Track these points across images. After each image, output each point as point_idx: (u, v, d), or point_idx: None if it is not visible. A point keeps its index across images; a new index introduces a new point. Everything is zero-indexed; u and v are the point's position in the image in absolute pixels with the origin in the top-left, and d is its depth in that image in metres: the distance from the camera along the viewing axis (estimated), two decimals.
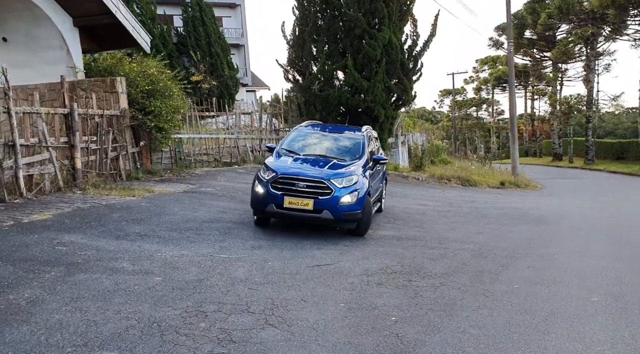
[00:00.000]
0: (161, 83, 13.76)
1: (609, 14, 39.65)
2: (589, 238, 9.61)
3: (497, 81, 76.21)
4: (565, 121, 52.32)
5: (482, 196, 16.45)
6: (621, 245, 9.21)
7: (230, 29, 47.69)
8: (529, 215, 12.08)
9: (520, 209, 13.24)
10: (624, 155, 47.55)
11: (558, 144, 55.07)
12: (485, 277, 6.57)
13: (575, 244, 9.02)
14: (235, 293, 5.65)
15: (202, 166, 16.98)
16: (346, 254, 7.53)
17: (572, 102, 50.00)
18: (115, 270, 6.17)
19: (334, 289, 5.87)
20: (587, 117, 45.68)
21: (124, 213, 9.16)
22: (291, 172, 8.38)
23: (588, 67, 45.57)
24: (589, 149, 45.16)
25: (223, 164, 17.78)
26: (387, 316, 5.09)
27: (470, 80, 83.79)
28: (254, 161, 18.72)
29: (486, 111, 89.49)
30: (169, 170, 15.24)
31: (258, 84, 57.16)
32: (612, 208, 14.20)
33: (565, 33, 51.84)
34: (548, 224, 10.81)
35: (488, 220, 11.15)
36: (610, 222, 11.67)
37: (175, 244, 7.52)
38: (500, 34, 58.65)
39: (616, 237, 9.90)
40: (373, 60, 17.92)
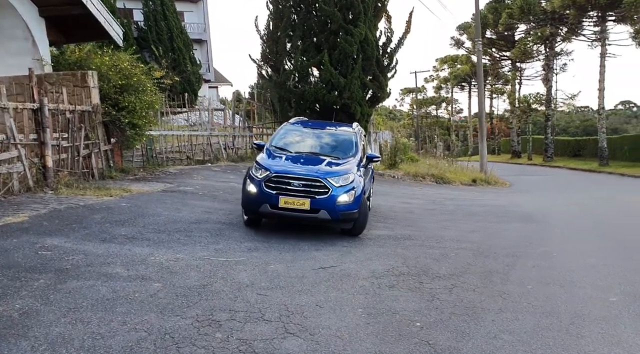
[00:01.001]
0: (135, 77, 13.16)
1: (569, 14, 40.69)
2: (579, 236, 9.64)
3: (457, 80, 77.40)
4: (525, 119, 53.50)
5: (460, 193, 16.48)
6: (613, 242, 9.25)
7: (192, 24, 46.70)
8: (513, 212, 12.10)
9: (501, 206, 13.27)
10: (580, 152, 49.05)
11: (517, 142, 56.29)
12: (495, 277, 6.43)
13: (569, 242, 9.00)
14: (244, 299, 5.32)
15: (175, 164, 16.41)
16: (347, 255, 7.27)
17: (531, 101, 51.09)
18: (110, 276, 5.74)
19: (347, 294, 5.60)
20: (547, 115, 46.81)
21: (105, 214, 8.65)
22: (286, 171, 8.06)
23: (547, 66, 46.68)
24: (548, 147, 46.28)
25: (196, 162, 17.25)
26: (410, 322, 4.86)
27: (431, 79, 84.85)
28: (227, 159, 18.26)
29: (445, 109, 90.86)
30: (142, 168, 14.65)
31: (221, 80, 56.31)
32: (588, 204, 14.41)
33: (523, 33, 52.99)
34: (536, 222, 10.82)
35: (476, 218, 11.10)
36: (593, 219, 11.80)
37: (167, 247, 7.10)
38: (461, 33, 59.56)
39: (605, 234, 9.95)
40: (349, 56, 17.71)
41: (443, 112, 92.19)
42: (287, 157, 8.67)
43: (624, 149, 38.35)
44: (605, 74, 37.48)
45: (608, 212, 12.75)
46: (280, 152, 8.97)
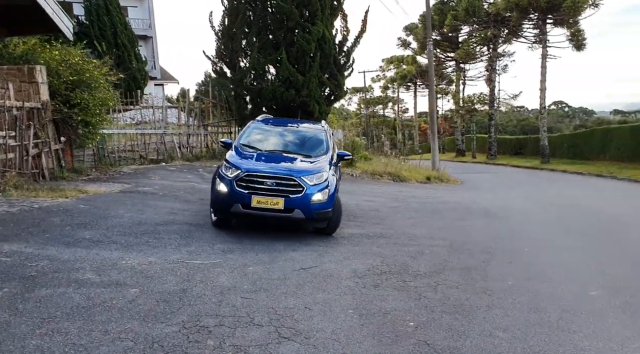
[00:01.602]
0: (87, 73, 12.58)
1: (512, 16, 41.97)
2: (543, 231, 9.86)
3: (403, 80, 78.45)
4: (469, 118, 54.90)
5: (418, 191, 16.64)
6: (577, 236, 9.48)
7: (137, 20, 45.39)
8: (474, 209, 12.29)
9: (461, 203, 13.47)
10: (521, 150, 50.74)
11: (461, 141, 57.66)
12: (474, 274, 6.45)
13: (536, 237, 9.17)
14: (229, 304, 5.10)
15: (128, 164, 15.80)
16: (325, 255, 7.14)
17: (475, 101, 52.45)
18: (81, 283, 5.39)
19: (333, 295, 5.47)
20: (490, 114, 48.17)
21: (64, 217, 8.18)
22: (258, 169, 7.83)
23: (491, 67, 48.02)
24: (491, 145, 47.63)
25: (149, 161, 16.67)
26: (403, 322, 4.79)
27: (377, 79, 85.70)
28: (182, 158, 17.74)
29: (392, 109, 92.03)
30: (94, 168, 14.03)
31: (167, 77, 54.98)
32: (541, 200, 14.83)
33: (466, 35, 54.35)
34: (498, 218, 11.02)
35: (440, 215, 11.19)
36: (550, 213, 12.13)
37: (136, 250, 6.76)
38: (408, 34, 60.36)
39: (567, 229, 10.19)
40: (307, 54, 17.56)
41: (390, 112, 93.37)
42: (258, 156, 8.43)
43: (564, 146, 39.95)
44: (546, 75, 38.88)
45: (563, 207, 13.15)
46: (250, 150, 8.73)
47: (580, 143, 37.18)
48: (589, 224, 10.73)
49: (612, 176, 25.07)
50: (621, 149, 30.33)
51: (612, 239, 9.25)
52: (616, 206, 13.87)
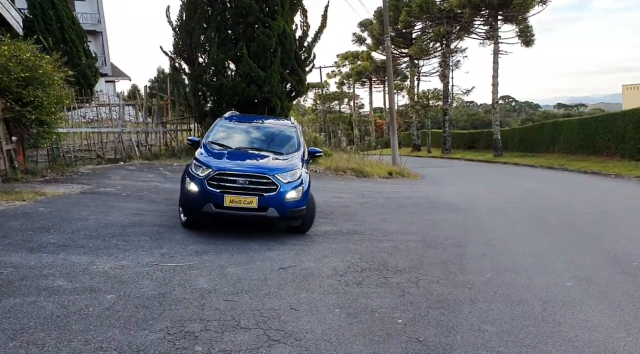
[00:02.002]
0: (40, 70, 11.99)
1: (464, 12, 42.75)
2: (509, 223, 10.01)
3: (359, 76, 78.85)
4: (424, 114, 55.71)
5: (382, 186, 16.72)
6: (542, 227, 9.68)
7: (84, 14, 43.97)
8: (438, 203, 12.42)
9: (425, 197, 13.60)
10: (474, 144, 51.97)
11: (417, 136, 58.52)
12: (452, 268, 6.49)
13: (503, 229, 9.30)
14: (212, 307, 4.94)
15: (85, 163, 15.23)
16: (302, 254, 7.03)
17: (430, 96, 53.23)
18: (52, 290, 5.12)
19: (317, 294, 5.38)
20: (445, 110, 49.02)
21: (24, 221, 7.79)
22: (230, 168, 7.64)
23: (444, 63, 48.85)
24: (446, 140, 48.49)
25: (107, 160, 16.13)
26: (392, 319, 4.74)
27: (333, 75, 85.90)
28: (140, 157, 17.24)
29: (348, 105, 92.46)
30: (49, 169, 13.45)
31: (118, 74, 53.57)
32: (502, 192, 15.14)
33: (419, 31, 55.09)
34: (463, 212, 11.16)
35: (407, 210, 11.25)
36: (512, 206, 12.36)
37: (106, 254, 6.49)
38: (363, 30, 60.73)
39: (531, 220, 10.41)
40: (268, 49, 17.33)
41: (346, 108, 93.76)
42: (228, 153, 8.24)
43: (515, 140, 41.10)
44: (498, 70, 39.85)
45: (523, 199, 13.45)
46: (219, 148, 8.52)
47: (531, 137, 38.30)
48: (550, 215, 11.00)
49: (563, 168, 25.91)
50: (570, 141, 31.39)
51: (573, 229, 9.49)
52: (572, 197, 14.29)
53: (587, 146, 28.91)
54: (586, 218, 10.68)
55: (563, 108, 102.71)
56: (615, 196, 15.02)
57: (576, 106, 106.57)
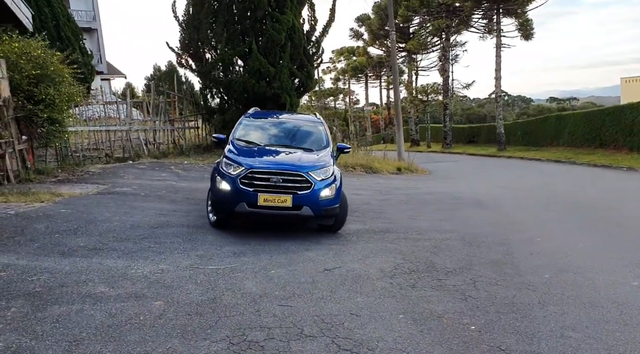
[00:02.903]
0: (52, 67, 11.68)
1: (465, 6, 42.49)
2: (542, 218, 9.68)
3: (354, 72, 78.52)
4: (423, 108, 55.45)
5: (396, 182, 16.48)
6: (576, 223, 9.37)
7: (79, 12, 43.39)
8: (461, 199, 12.16)
9: (445, 193, 13.35)
10: (475, 139, 51.82)
11: (415, 131, 58.21)
12: (505, 268, 6.23)
13: (539, 226, 8.95)
14: (269, 313, 4.67)
15: (93, 163, 14.91)
16: (342, 254, 6.77)
17: (429, 91, 52.98)
18: (96, 297, 4.84)
19: (373, 298, 5.12)
20: (445, 104, 48.76)
21: (48, 223, 7.49)
22: (263, 166, 7.36)
23: (444, 57, 48.55)
24: (446, 134, 48.24)
25: (115, 159, 15.80)
26: (463, 326, 4.48)
27: (328, 71, 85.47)
28: (149, 155, 16.91)
29: (343, 100, 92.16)
30: (60, 168, 13.13)
31: (113, 72, 53.02)
32: (519, 187, 14.89)
33: (417, 26, 54.80)
34: (490, 208, 10.89)
35: (433, 206, 11.00)
36: (536, 200, 12.13)
37: (141, 257, 6.21)
38: (360, 25, 60.39)
39: (562, 215, 10.13)
40: (277, 44, 17.03)
41: (341, 103, 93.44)
42: (258, 151, 7.96)
43: (517, 134, 40.94)
44: (501, 64, 39.57)
45: (543, 194, 13.21)
46: (248, 146, 8.23)
47: (534, 130, 38.13)
48: (581, 210, 10.73)
49: (571, 162, 25.74)
50: (575, 135, 31.24)
51: (613, 224, 9.23)
52: (595, 191, 14.07)
53: (594, 139, 28.75)
54: (619, 213, 10.41)
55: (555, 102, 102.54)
56: (636, 187, 14.81)
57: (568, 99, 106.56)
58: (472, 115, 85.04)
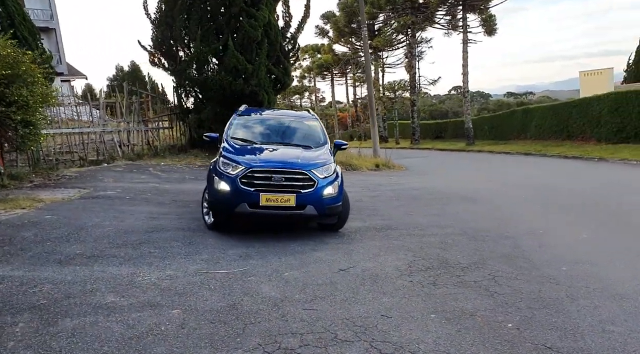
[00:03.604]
0: (23, 66, 11.09)
1: (431, 2, 42.81)
2: (535, 211, 9.65)
3: (320, 69, 78.34)
4: (390, 105, 55.77)
5: (378, 178, 16.38)
6: (572, 213, 9.36)
7: (35, 10, 41.87)
8: (449, 193, 12.11)
9: (431, 188, 13.31)
10: (442, 134, 52.43)
11: (383, 127, 58.49)
12: (518, 262, 6.15)
13: (535, 218, 8.88)
14: (295, 317, 4.46)
15: (67, 166, 14.35)
16: (352, 253, 6.59)
17: (396, 88, 53.34)
18: (108, 308, 4.54)
19: (398, 298, 4.95)
20: (412, 100, 49.13)
21: (36, 231, 7.09)
22: (264, 165, 7.11)
23: (410, 53, 48.90)
24: (415, 130, 48.56)
25: (89, 162, 15.23)
26: (499, 324, 4.34)
27: (294, 69, 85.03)
28: (123, 157, 16.38)
29: (309, 98, 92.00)
30: (33, 173, 12.57)
31: (74, 73, 51.56)
32: (501, 180, 14.94)
33: (381, 23, 55.00)
34: (480, 202, 10.84)
35: (423, 202, 10.91)
36: (523, 193, 12.16)
37: (144, 263, 5.90)
38: (325, 22, 60.19)
39: (556, 206, 10.11)
40: (254, 41, 16.70)
41: (307, 102, 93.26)
42: (256, 149, 7.69)
43: (484, 128, 41.56)
44: (468, 59, 40.03)
45: (527, 186, 13.27)
46: (244, 144, 7.95)
47: (501, 124, 38.79)
48: (570, 202, 10.72)
49: (541, 154, 26.21)
50: (542, 127, 31.87)
51: (607, 215, 9.27)
52: (576, 182, 14.25)
53: (561, 132, 29.38)
54: (609, 203, 10.46)
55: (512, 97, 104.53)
56: (613, 177, 15.11)
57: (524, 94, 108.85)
58: (434, 111, 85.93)
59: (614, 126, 24.11)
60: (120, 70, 62.44)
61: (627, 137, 23.32)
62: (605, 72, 52.57)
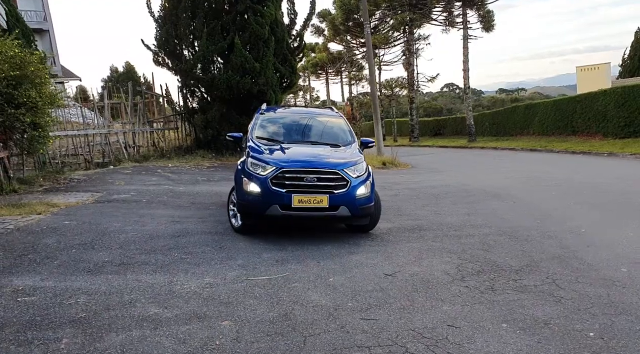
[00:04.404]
0: (31, 67, 10.75)
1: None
2: (568, 207, 9.24)
3: (314, 68, 77.97)
4: (388, 103, 55.52)
5: (392, 177, 16.07)
6: (608, 210, 8.89)
7: (29, 12, 41.37)
8: (471, 191, 11.79)
9: (449, 186, 12.99)
10: (441, 131, 52.28)
11: (381, 125, 58.26)
12: (572, 263, 5.86)
13: (572, 215, 8.50)
14: (356, 328, 4.16)
15: (73, 169, 13.98)
16: (392, 256, 6.29)
17: (394, 85, 53.06)
18: (153, 320, 4.24)
19: (460, 305, 4.65)
20: (411, 98, 48.87)
21: (57, 237, 6.77)
22: (296, 165, 6.79)
23: (409, 51, 48.59)
24: (413, 128, 48.31)
25: (96, 165, 14.89)
26: (579, 333, 4.04)
27: None
28: (129, 159, 16.02)
29: (303, 97, 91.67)
30: (42, 177, 12.20)
31: (68, 74, 50.97)
32: (518, 177, 14.61)
33: (377, 20, 54.70)
34: (507, 199, 10.49)
35: (448, 200, 10.60)
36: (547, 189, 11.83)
37: (179, 270, 5.60)
38: (321, 21, 59.81)
39: (586, 203, 9.76)
40: (261, 39, 16.37)
41: (301, 101, 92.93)
42: (284, 149, 7.37)
43: (485, 125, 41.36)
44: (468, 55, 39.79)
45: (549, 183, 12.96)
46: (271, 144, 7.63)
47: (502, 120, 38.58)
48: (599, 198, 10.23)
49: (547, 150, 25.98)
50: (545, 123, 31.67)
51: None
52: (593, 177, 13.93)
53: (565, 127, 29.19)
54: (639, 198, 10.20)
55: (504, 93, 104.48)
56: (631, 172, 14.84)
57: (516, 90, 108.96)
58: (428, 108, 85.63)
59: (621, 120, 23.92)
60: (114, 71, 61.90)
61: (634, 132, 23.14)
62: (602, 67, 52.54)
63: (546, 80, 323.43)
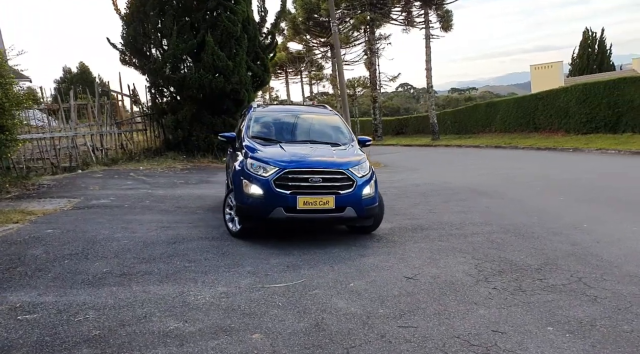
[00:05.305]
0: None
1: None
2: (561, 203, 9.18)
3: (274, 68, 77.36)
4: (351, 102, 55.55)
5: None
6: (603, 205, 8.89)
7: None
8: (455, 189, 11.70)
9: (432, 184, 12.91)
10: (403, 130, 52.73)
11: None
12: (590, 260, 5.76)
13: (567, 211, 8.44)
14: (397, 338, 3.91)
15: (39, 174, 13.25)
16: (405, 258, 6.08)
17: (356, 84, 53.18)
18: (176, 336, 3.90)
19: (497, 308, 4.44)
20: (374, 97, 49.09)
21: (44, 248, 6.30)
22: (300, 165, 6.51)
23: (370, 51, 48.76)
24: (377, 127, 48.50)
25: (62, 169, 14.16)
26: (630, 334, 3.82)
27: None
28: (97, 163, 15.33)
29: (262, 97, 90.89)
30: (8, 183, 11.46)
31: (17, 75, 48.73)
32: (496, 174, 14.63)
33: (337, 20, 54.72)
34: (495, 196, 10.41)
35: (438, 198, 10.46)
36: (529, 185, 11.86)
37: (187, 279, 5.25)
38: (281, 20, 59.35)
39: (575, 198, 9.73)
40: (233, 36, 15.94)
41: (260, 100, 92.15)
42: (284, 149, 7.03)
43: (447, 123, 41.89)
44: (431, 54, 40.21)
45: (530, 179, 13.00)
46: (268, 143, 7.31)
47: (464, 118, 39.15)
48: (586, 193, 10.24)
49: (512, 146, 26.43)
50: (507, 120, 32.27)
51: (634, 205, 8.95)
52: (570, 172, 14.07)
53: (527, 124, 29.79)
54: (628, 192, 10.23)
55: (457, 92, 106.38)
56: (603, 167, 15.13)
57: (468, 89, 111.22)
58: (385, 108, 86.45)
59: (583, 116, 24.54)
60: (68, 72, 59.71)
61: (596, 128, 23.76)
62: (556, 65, 54.13)
63: (496, 80, 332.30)
